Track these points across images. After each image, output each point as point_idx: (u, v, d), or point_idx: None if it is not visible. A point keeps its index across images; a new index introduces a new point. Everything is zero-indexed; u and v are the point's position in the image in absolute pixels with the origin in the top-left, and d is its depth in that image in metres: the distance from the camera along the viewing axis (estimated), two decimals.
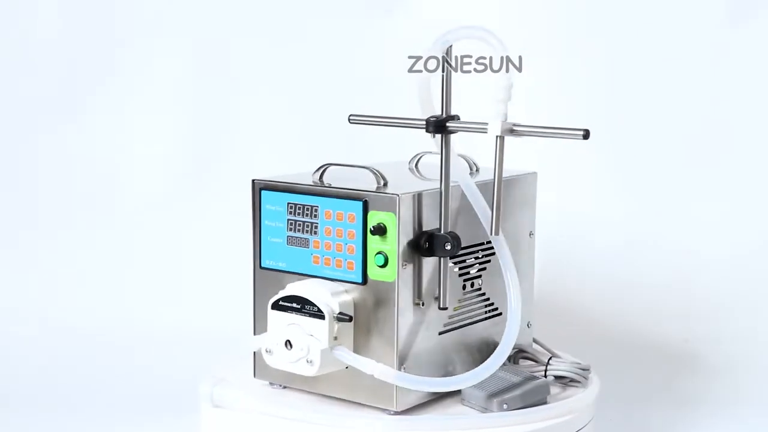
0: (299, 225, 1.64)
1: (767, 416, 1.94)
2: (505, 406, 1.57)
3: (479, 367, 1.56)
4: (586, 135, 1.49)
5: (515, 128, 1.54)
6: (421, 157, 1.82)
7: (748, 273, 2.43)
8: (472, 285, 1.68)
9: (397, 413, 1.58)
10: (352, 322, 1.58)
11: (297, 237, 1.64)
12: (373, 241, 1.56)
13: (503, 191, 1.56)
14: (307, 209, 1.63)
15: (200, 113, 2.59)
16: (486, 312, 1.71)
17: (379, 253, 1.56)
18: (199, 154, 2.59)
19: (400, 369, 1.57)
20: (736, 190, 2.52)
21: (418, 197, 1.57)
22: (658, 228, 2.50)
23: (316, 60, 2.59)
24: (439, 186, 1.58)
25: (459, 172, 1.60)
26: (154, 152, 2.58)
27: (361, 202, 1.57)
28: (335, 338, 1.56)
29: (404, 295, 1.57)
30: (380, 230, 1.55)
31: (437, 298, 1.60)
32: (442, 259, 1.58)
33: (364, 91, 2.53)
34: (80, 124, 2.58)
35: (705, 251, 2.47)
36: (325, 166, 1.68)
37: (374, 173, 1.62)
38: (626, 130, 2.55)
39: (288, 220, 1.65)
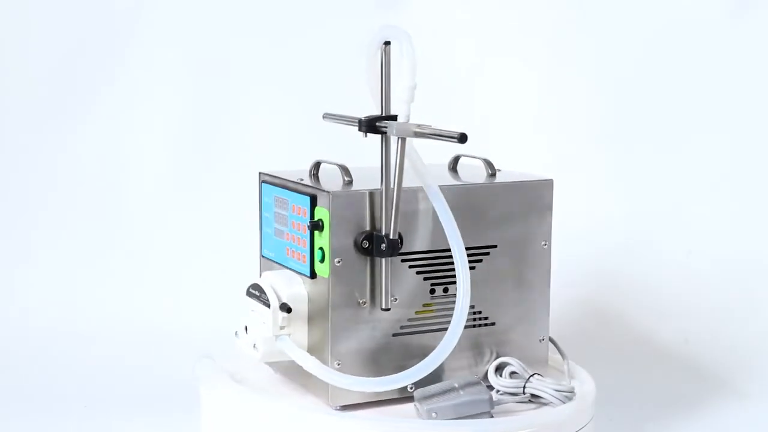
0: (279, 217, 1.69)
1: (767, 417, 1.94)
2: (434, 415, 1.55)
3: (412, 368, 1.56)
4: (462, 138, 1.49)
5: (417, 130, 1.53)
6: (458, 158, 1.82)
7: (748, 273, 2.43)
8: (446, 290, 1.65)
9: (341, 409, 1.60)
10: (306, 314, 1.61)
11: (278, 229, 1.70)
12: (317, 236, 1.59)
13: (516, 195, 1.65)
14: (284, 203, 1.67)
15: (202, 111, 2.59)
16: (470, 320, 1.64)
17: (320, 248, 1.59)
18: (199, 155, 2.59)
19: (333, 365, 1.58)
20: (737, 189, 2.52)
21: (369, 196, 1.58)
22: (658, 228, 2.50)
23: (317, 60, 2.59)
24: (411, 186, 1.59)
25: (424, 174, 1.58)
26: (155, 152, 2.58)
27: (309, 198, 1.60)
28: (282, 327, 1.60)
29: (339, 292, 1.58)
30: (317, 226, 1.58)
31: (395, 299, 1.61)
32: (383, 260, 1.58)
33: (366, 89, 2.53)
34: (80, 124, 2.58)
35: (705, 251, 2.47)
36: (318, 162, 1.72)
37: (342, 170, 1.64)
38: (626, 129, 2.55)
39: (274, 212, 1.70)
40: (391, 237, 1.57)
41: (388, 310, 1.60)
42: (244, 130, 2.59)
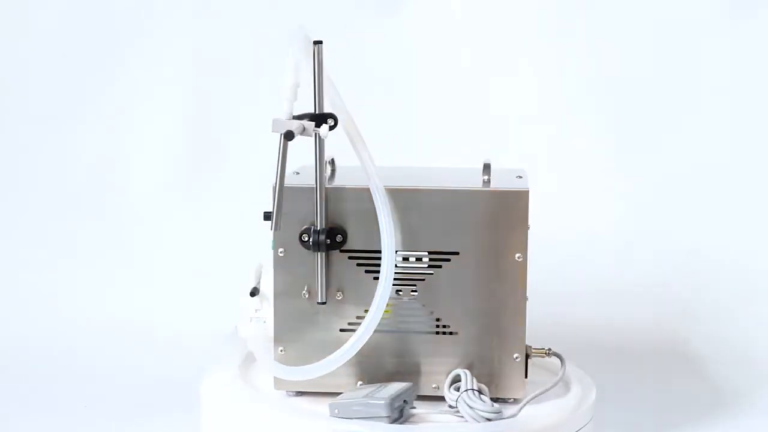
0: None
1: (767, 417, 1.94)
2: (336, 411, 1.57)
3: (324, 360, 1.59)
4: (288, 136, 1.54)
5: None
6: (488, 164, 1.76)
7: (748, 273, 2.43)
8: (398, 292, 1.64)
9: (296, 395, 1.67)
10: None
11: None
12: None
13: (484, 204, 1.60)
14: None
15: (202, 112, 2.59)
16: (430, 327, 1.65)
17: (273, 239, 1.64)
18: (200, 153, 2.59)
19: (278, 351, 1.65)
20: (737, 189, 2.52)
21: (317, 191, 1.61)
22: (658, 228, 2.50)
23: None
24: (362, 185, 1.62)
25: (371, 174, 1.59)
26: (155, 153, 2.58)
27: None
28: (256, 311, 1.66)
29: (281, 280, 1.64)
30: (267, 217, 1.62)
31: (341, 295, 1.64)
32: (318, 254, 1.62)
33: (366, 89, 2.53)
34: (81, 124, 2.58)
35: (705, 251, 2.47)
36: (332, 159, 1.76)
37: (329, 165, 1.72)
38: (625, 129, 2.55)
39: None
40: (319, 232, 1.60)
41: (324, 303, 1.63)
42: (245, 131, 2.59)
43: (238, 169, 2.48)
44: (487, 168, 1.68)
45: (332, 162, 1.75)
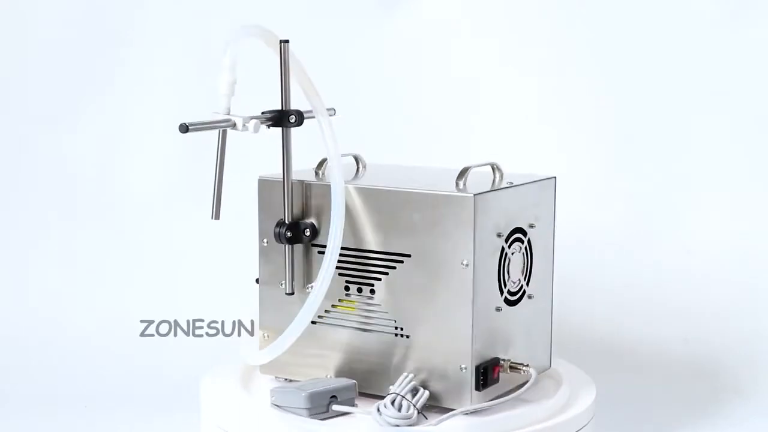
0: None
1: (767, 416, 1.94)
2: (273, 398, 1.61)
3: (279, 338, 1.63)
4: (182, 129, 1.66)
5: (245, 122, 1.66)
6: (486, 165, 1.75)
7: (748, 273, 2.43)
8: (360, 290, 1.65)
9: (287, 380, 1.73)
10: None
11: None
12: None
13: (430, 207, 1.58)
14: None
15: (201, 111, 2.59)
16: (385, 327, 1.64)
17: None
18: (199, 154, 2.58)
19: (263, 336, 1.73)
20: (737, 189, 2.52)
21: (286, 186, 1.67)
22: (658, 228, 2.50)
23: (317, 60, 2.58)
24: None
25: (334, 172, 1.62)
26: (154, 153, 2.58)
27: None
28: None
29: (264, 270, 1.73)
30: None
31: (310, 287, 1.67)
32: (286, 247, 1.68)
33: (366, 89, 2.53)
34: (81, 124, 2.58)
35: (705, 251, 2.47)
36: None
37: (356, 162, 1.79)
38: (624, 129, 2.55)
39: None
40: (283, 225, 1.67)
41: (291, 294, 1.68)
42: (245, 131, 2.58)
43: (237, 169, 2.48)
44: (463, 173, 1.63)
45: (357, 159, 1.81)
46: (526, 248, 1.69)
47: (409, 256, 1.61)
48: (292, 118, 1.66)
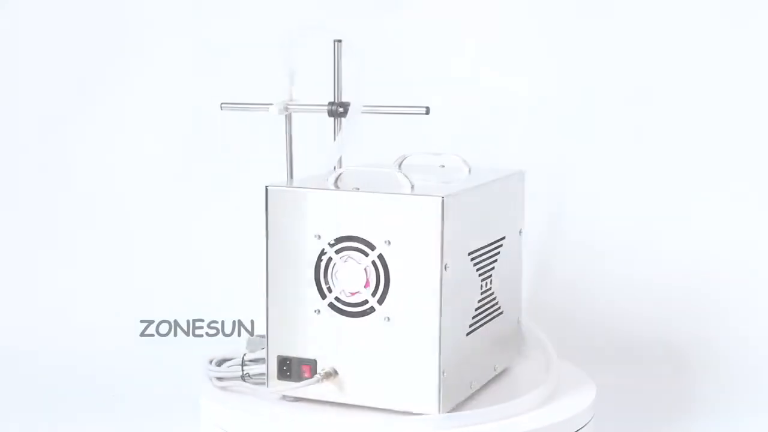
0: None
1: (766, 416, 1.94)
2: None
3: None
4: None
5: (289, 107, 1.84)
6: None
7: (748, 273, 2.43)
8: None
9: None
10: None
11: None
12: None
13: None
14: None
15: (203, 113, 2.59)
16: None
17: None
18: (199, 153, 2.59)
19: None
20: (737, 189, 2.52)
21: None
22: (659, 228, 2.50)
23: (317, 60, 2.59)
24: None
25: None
26: (154, 153, 2.58)
27: None
28: None
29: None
30: None
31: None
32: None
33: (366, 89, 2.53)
34: (81, 124, 2.58)
35: (705, 251, 2.47)
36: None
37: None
38: (624, 129, 2.55)
39: None
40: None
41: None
42: (245, 130, 2.59)
43: (237, 168, 2.48)
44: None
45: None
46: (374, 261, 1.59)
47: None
48: (339, 110, 1.83)
